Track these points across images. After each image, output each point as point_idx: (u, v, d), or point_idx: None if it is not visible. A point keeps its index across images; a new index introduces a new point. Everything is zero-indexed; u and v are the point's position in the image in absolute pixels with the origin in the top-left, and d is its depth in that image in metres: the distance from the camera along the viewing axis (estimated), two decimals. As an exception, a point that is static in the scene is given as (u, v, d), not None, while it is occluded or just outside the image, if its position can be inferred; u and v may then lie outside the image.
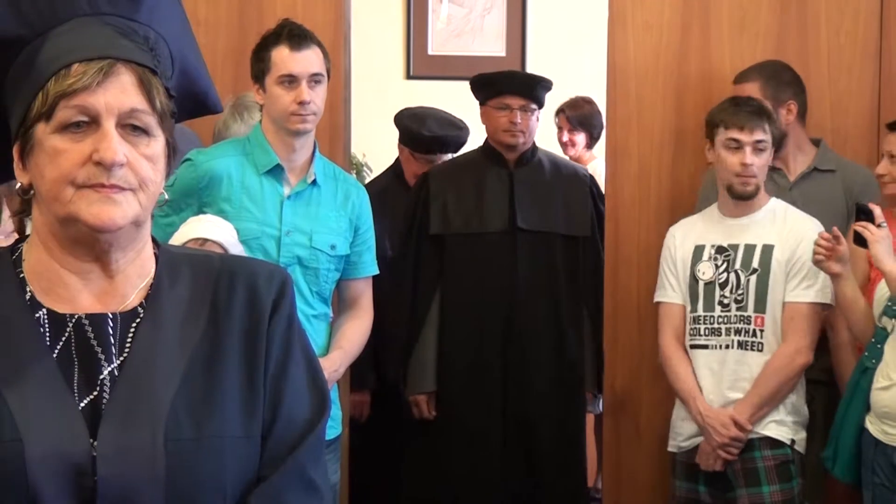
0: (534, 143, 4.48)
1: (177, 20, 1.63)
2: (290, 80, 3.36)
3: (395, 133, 5.66)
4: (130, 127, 1.49)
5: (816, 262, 3.53)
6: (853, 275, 3.55)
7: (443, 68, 6.23)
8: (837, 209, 3.86)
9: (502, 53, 6.29)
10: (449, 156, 4.72)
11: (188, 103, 1.64)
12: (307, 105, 3.35)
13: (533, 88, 4.40)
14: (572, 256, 4.41)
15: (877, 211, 3.49)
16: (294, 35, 3.37)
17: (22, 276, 1.55)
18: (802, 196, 3.92)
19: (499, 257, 4.36)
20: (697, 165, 4.24)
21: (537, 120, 4.44)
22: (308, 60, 3.37)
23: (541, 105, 4.44)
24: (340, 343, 3.49)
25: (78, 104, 1.46)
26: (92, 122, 1.47)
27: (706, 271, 3.71)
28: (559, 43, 6.24)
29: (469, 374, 4.36)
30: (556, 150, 5.61)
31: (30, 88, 1.49)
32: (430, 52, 6.38)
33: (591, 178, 4.59)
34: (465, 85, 4.57)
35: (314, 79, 3.38)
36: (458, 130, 4.79)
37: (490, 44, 6.36)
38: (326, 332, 3.52)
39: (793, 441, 3.65)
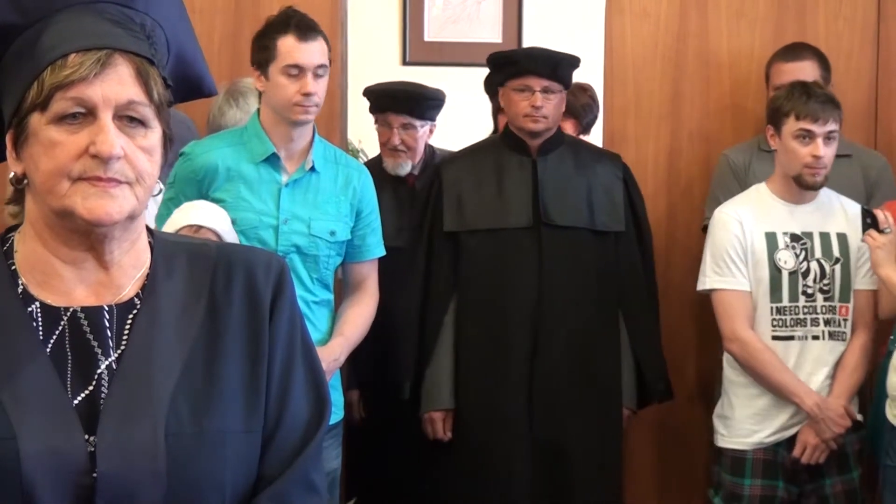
0: (559, 129, 3.92)
1: (173, 6, 1.60)
2: (296, 71, 3.33)
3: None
4: (127, 118, 1.45)
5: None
6: None
7: (439, 55, 6.17)
8: (857, 194, 3.82)
9: (499, 40, 6.22)
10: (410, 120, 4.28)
11: (183, 88, 1.61)
12: (311, 97, 3.33)
13: (556, 67, 3.80)
14: (604, 255, 3.85)
15: (880, 217, 3.47)
16: (303, 26, 3.34)
17: (14, 268, 1.51)
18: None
19: (521, 256, 3.79)
20: (694, 151, 4.23)
21: (562, 102, 3.86)
22: (314, 52, 3.34)
23: (567, 86, 3.86)
24: (342, 330, 3.45)
25: (74, 96, 1.42)
26: (88, 114, 1.43)
27: (788, 260, 3.58)
28: (556, 30, 6.18)
29: (490, 388, 3.81)
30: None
31: (24, 78, 1.45)
32: (427, 38, 6.33)
33: (625, 166, 3.96)
34: (462, 71, 4.53)
35: (318, 70, 3.35)
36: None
37: (487, 30, 6.30)
38: (329, 319, 3.49)
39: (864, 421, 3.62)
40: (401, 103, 4.23)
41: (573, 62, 3.86)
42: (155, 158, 1.48)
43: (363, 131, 5.63)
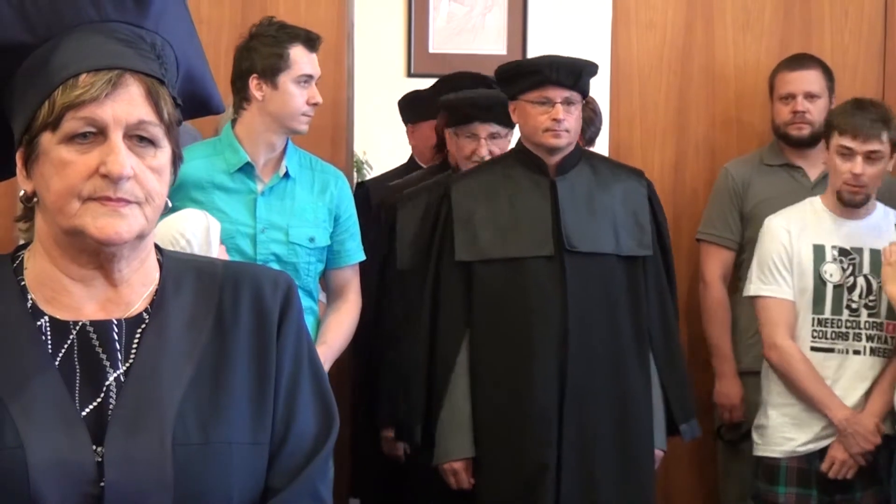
0: (577, 145, 3.59)
1: (183, 25, 1.62)
2: (306, 81, 3.39)
3: (396, 130, 5.62)
4: (137, 138, 1.47)
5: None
6: None
7: (443, 66, 6.17)
8: None
9: (503, 52, 6.25)
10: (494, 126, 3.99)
11: (191, 105, 1.63)
12: (316, 107, 3.42)
13: (578, 77, 3.46)
14: (633, 282, 3.49)
15: None
16: (311, 38, 3.42)
17: (23, 283, 1.54)
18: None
19: (543, 288, 3.41)
20: (700, 164, 4.24)
21: (580, 114, 3.56)
22: (317, 63, 3.44)
23: (585, 95, 3.55)
24: (325, 338, 3.49)
25: (85, 116, 1.44)
26: (99, 134, 1.45)
27: (834, 273, 3.58)
28: (561, 42, 6.18)
29: (514, 432, 3.43)
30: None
31: (35, 96, 1.47)
32: (431, 50, 6.36)
33: (649, 183, 3.65)
34: (467, 83, 4.49)
35: (316, 81, 3.43)
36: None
37: (491, 42, 6.33)
38: (313, 326, 3.51)
39: None
40: (487, 112, 3.95)
41: (593, 70, 3.55)
42: (164, 178, 1.50)
43: (368, 143, 5.67)
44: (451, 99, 4.04)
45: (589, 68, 3.51)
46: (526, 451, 3.40)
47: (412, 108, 4.82)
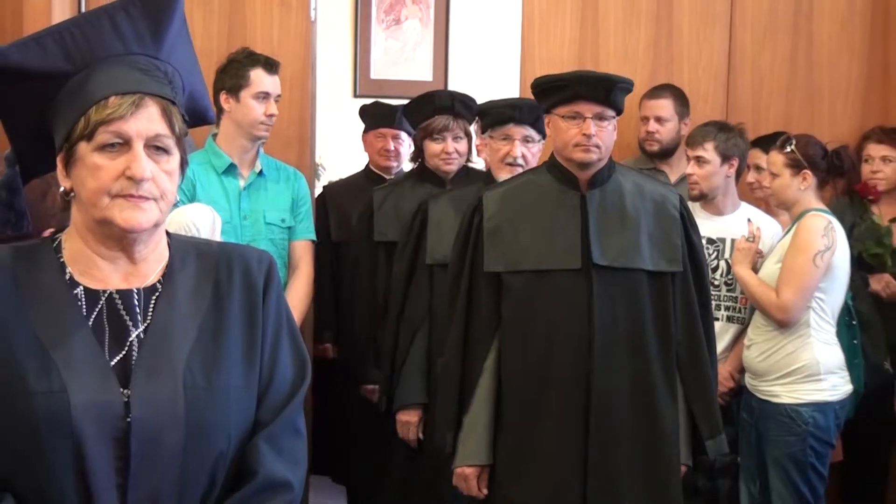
0: (611, 159, 2.93)
1: (188, 55, 1.67)
2: (264, 97, 3.46)
3: (345, 139, 5.64)
4: (154, 147, 1.53)
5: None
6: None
7: (381, 89, 6.26)
8: None
9: (430, 78, 6.34)
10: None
11: (192, 118, 1.68)
12: (272, 118, 3.49)
13: (610, 92, 2.83)
14: (661, 297, 2.88)
15: (750, 227, 3.62)
16: (270, 63, 3.50)
17: (62, 260, 1.57)
18: (682, 193, 3.98)
19: (569, 301, 2.82)
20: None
21: (614, 129, 2.89)
22: (277, 83, 3.51)
23: (619, 111, 2.88)
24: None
25: (114, 130, 1.50)
26: (124, 144, 1.50)
27: None
28: (477, 73, 6.28)
29: (537, 443, 2.84)
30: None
31: (74, 113, 1.52)
32: (373, 76, 6.41)
33: (681, 198, 2.99)
34: (401, 102, 4.51)
35: (276, 98, 3.51)
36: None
37: (420, 70, 6.41)
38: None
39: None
40: (523, 114, 3.33)
41: (627, 86, 2.89)
42: (175, 179, 1.55)
43: (323, 149, 5.70)
44: (489, 103, 3.46)
45: (622, 84, 2.87)
46: (550, 461, 2.82)
47: (363, 119, 4.52)
